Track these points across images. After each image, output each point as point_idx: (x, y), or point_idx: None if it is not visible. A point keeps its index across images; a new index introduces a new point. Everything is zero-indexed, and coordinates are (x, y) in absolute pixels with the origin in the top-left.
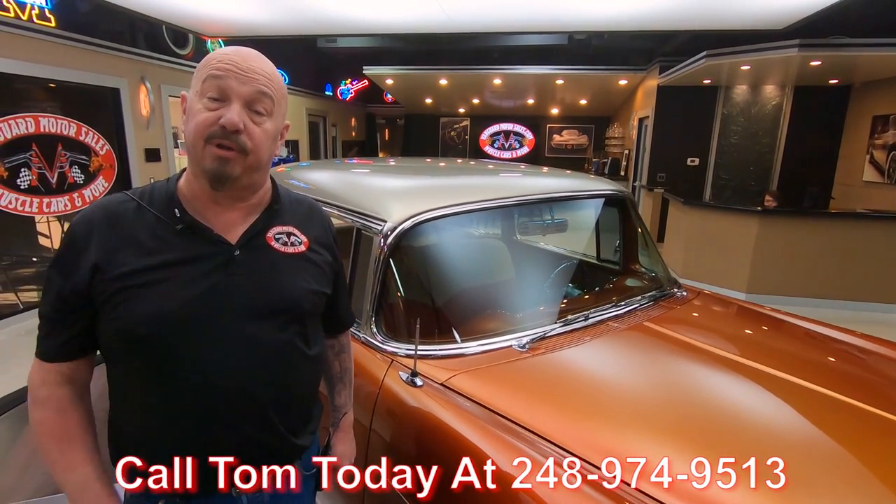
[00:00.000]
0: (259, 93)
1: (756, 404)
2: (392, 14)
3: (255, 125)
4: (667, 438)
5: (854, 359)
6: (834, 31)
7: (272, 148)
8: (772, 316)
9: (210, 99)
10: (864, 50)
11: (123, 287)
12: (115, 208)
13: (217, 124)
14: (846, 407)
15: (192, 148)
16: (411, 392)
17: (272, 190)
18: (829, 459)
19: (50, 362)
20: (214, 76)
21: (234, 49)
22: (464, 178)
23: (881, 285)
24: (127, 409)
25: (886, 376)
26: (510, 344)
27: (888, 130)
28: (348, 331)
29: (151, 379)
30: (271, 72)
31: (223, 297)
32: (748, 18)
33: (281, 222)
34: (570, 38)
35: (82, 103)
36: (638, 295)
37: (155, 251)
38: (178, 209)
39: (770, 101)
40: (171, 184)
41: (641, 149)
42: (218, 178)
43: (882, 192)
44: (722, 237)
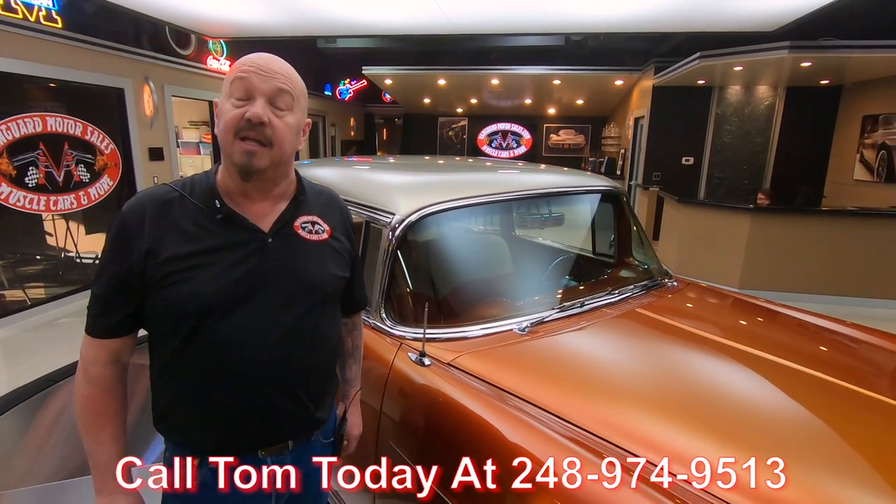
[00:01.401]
0: (279, 90)
1: (736, 381)
2: (392, 15)
3: (277, 119)
4: (655, 409)
5: (841, 345)
6: (825, 33)
7: (295, 141)
8: (758, 304)
9: (237, 98)
10: (854, 51)
11: (172, 270)
12: (161, 198)
13: (244, 119)
14: (833, 387)
15: (224, 143)
16: (420, 371)
17: (297, 182)
18: (816, 434)
19: (102, 339)
20: (240, 78)
21: (256, 55)
22: (466, 175)
23: (870, 281)
24: (168, 379)
25: (872, 361)
26: (511, 328)
27: (877, 130)
28: (361, 311)
29: (194, 351)
30: (290, 72)
31: (258, 279)
32: (740, 21)
33: (306, 212)
34: (567, 39)
35: (88, 103)
36: (631, 284)
37: (198, 238)
38: (218, 200)
39: (763, 101)
40: (210, 177)
41: (637, 148)
42: (247, 170)
43: (872, 190)
44: (715, 234)
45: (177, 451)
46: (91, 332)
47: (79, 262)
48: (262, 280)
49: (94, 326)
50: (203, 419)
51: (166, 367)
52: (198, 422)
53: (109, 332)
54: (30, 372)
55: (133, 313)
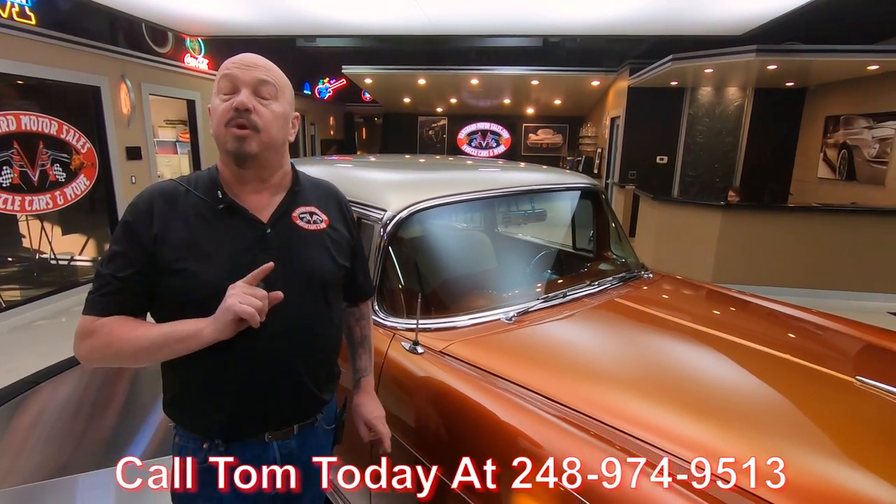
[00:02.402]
0: (261, 80)
1: (708, 362)
2: (374, 16)
3: (262, 107)
4: (634, 389)
5: (804, 329)
6: (790, 38)
7: (284, 130)
8: (729, 294)
9: (224, 93)
10: (816, 55)
11: (178, 258)
12: (168, 191)
13: (232, 109)
14: (795, 366)
15: (218, 135)
16: (413, 359)
17: (293, 174)
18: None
19: (100, 317)
20: (224, 76)
21: (240, 55)
22: (453, 173)
23: (833, 274)
24: (178, 365)
25: (831, 343)
26: (499, 317)
27: (839, 130)
28: (368, 300)
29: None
30: (270, 65)
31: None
32: (710, 25)
33: (304, 202)
34: (545, 40)
35: (63, 101)
36: (610, 276)
37: (202, 229)
38: (220, 191)
39: (732, 102)
40: (212, 171)
41: (614, 147)
42: (239, 155)
43: (834, 188)
44: (689, 230)
45: (185, 435)
46: (91, 312)
47: (55, 264)
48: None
49: (94, 304)
50: (211, 404)
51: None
52: (206, 406)
53: (106, 312)
54: (8, 375)
55: (142, 295)
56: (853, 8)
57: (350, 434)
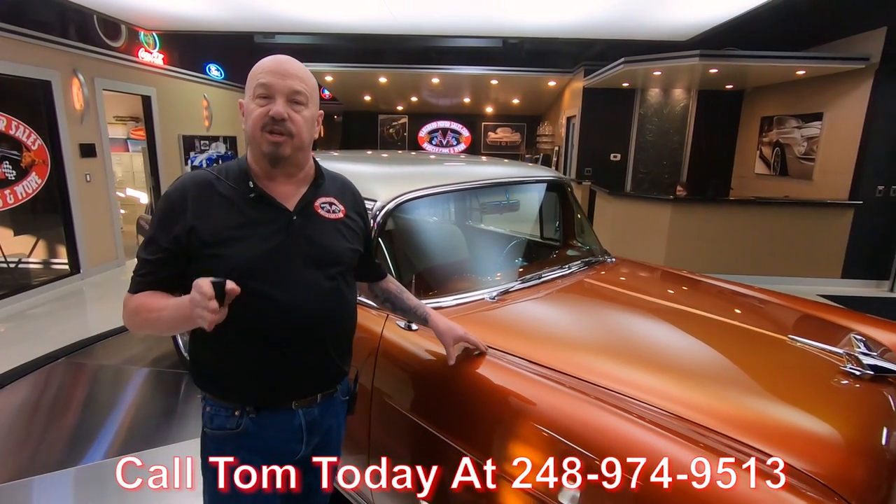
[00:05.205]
0: (294, 90)
1: (666, 328)
2: (338, 14)
3: (295, 114)
4: (604, 351)
5: (743, 301)
6: (729, 44)
7: (312, 131)
8: (681, 274)
9: (260, 97)
10: (753, 61)
11: (214, 243)
12: (201, 181)
13: (268, 116)
14: (734, 328)
15: (252, 138)
16: (408, 336)
17: (315, 168)
18: (721, 359)
19: (135, 293)
20: (261, 83)
21: (272, 58)
22: (432, 167)
23: (769, 260)
24: (210, 339)
25: (764, 311)
26: (483, 296)
27: (773, 130)
28: (386, 277)
29: (233, 314)
30: (304, 71)
31: (286, 251)
32: (657, 30)
33: (324, 194)
34: (504, 42)
35: (11, 96)
36: (578, 261)
37: (234, 216)
38: (251, 182)
39: (678, 103)
40: (242, 162)
41: (570, 145)
42: (275, 157)
43: (770, 182)
44: (642, 222)
45: (216, 404)
46: (129, 291)
47: (6, 267)
48: (288, 252)
49: (138, 285)
50: (243, 375)
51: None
52: (237, 377)
53: (139, 290)
54: None
55: (174, 276)
56: (786, 16)
57: (350, 434)
